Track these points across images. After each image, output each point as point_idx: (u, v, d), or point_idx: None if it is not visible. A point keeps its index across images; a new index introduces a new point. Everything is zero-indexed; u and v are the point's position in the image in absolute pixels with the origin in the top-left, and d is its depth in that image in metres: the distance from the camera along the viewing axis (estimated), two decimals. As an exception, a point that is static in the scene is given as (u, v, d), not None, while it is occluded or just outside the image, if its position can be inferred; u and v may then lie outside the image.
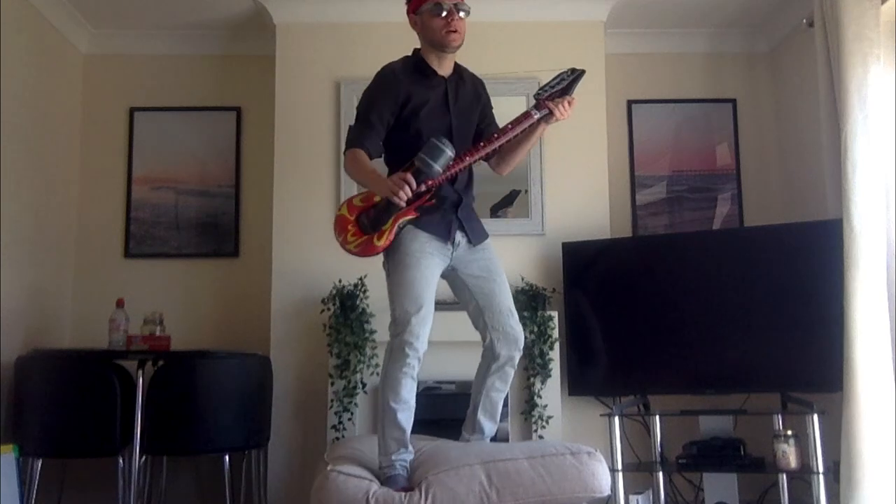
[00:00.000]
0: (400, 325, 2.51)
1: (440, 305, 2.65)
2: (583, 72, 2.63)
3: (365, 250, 2.54)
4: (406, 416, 2.52)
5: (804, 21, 3.62)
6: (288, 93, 4.02)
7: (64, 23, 4.09)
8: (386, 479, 2.48)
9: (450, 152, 2.46)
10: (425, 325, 2.51)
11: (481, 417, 2.72)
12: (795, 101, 4.13)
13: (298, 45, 4.06)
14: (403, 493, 2.38)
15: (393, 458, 2.50)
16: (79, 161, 4.29)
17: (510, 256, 3.78)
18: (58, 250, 4.08)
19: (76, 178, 4.27)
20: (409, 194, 2.42)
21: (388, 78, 2.64)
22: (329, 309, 3.62)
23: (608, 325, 3.73)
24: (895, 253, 3.17)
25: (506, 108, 3.13)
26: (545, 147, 3.93)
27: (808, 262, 3.39)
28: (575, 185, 3.96)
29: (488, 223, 3.66)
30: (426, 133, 2.56)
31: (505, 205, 3.94)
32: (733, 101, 4.36)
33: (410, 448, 2.55)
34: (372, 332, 3.59)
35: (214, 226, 4.25)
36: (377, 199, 2.54)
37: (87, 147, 4.30)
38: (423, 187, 2.46)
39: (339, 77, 4.01)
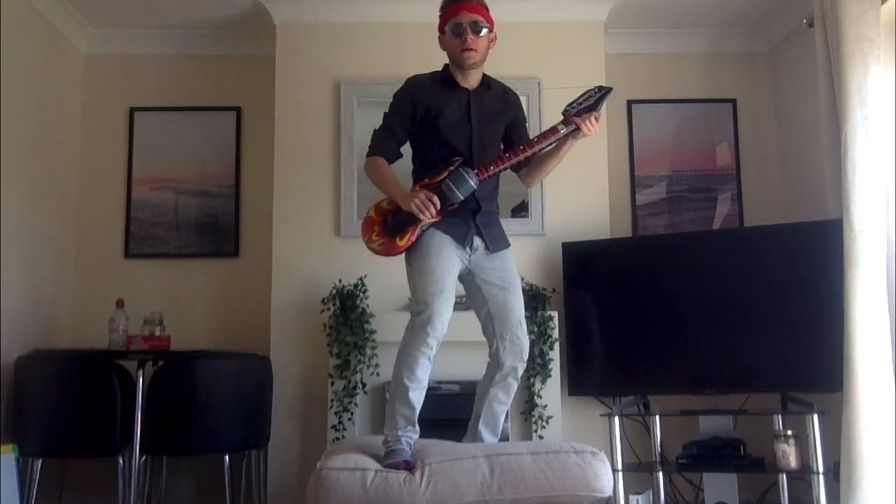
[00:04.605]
0: (422, 305, 2.55)
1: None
2: (610, 89, 2.72)
3: (387, 249, 2.64)
4: (418, 395, 2.54)
5: (804, 21, 3.62)
6: (288, 93, 4.02)
7: (64, 23, 4.09)
8: (389, 453, 2.49)
9: (473, 183, 2.59)
10: (447, 308, 2.55)
11: (482, 429, 2.72)
12: (795, 101, 4.13)
13: (298, 45, 4.05)
14: (403, 478, 2.37)
15: (399, 433, 2.53)
16: (79, 161, 4.29)
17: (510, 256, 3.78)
18: (58, 250, 4.08)
19: (76, 178, 4.27)
20: (434, 214, 2.56)
21: (410, 85, 2.78)
22: (329, 309, 3.62)
23: (608, 325, 3.73)
24: (895, 253, 3.17)
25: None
26: (545, 147, 3.93)
27: (808, 262, 3.39)
28: (575, 185, 3.95)
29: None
30: (448, 140, 2.69)
31: (524, 208, 3.94)
32: (733, 101, 4.36)
33: (417, 427, 2.57)
34: (372, 332, 3.59)
35: (214, 226, 4.25)
36: None
37: (87, 147, 4.30)
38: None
39: (339, 77, 4.01)
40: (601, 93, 2.70)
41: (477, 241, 2.71)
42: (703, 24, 4.30)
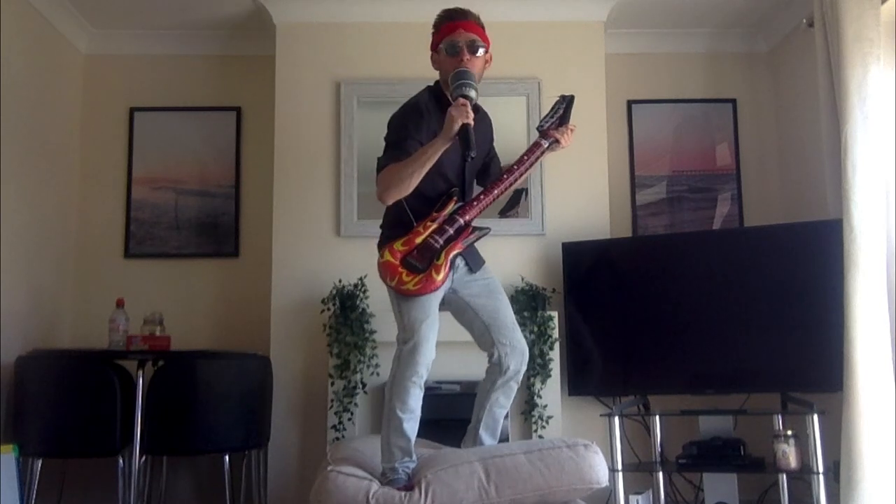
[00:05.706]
0: (409, 332, 2.53)
1: (442, 306, 2.66)
2: (573, 97, 2.78)
3: (427, 287, 2.52)
4: (412, 425, 2.54)
5: (804, 21, 3.62)
6: (288, 93, 4.02)
7: (64, 23, 4.09)
8: (387, 483, 2.50)
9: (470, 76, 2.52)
10: (433, 333, 2.54)
11: (483, 433, 2.73)
12: (795, 101, 4.13)
13: (298, 45, 4.05)
14: (404, 493, 2.39)
15: (396, 465, 2.53)
16: (79, 161, 4.29)
17: (510, 256, 3.79)
18: (58, 250, 4.08)
19: (76, 178, 4.27)
20: (471, 112, 2.43)
21: (419, 108, 2.62)
22: (329, 309, 3.62)
23: (608, 325, 3.73)
24: (895, 253, 3.17)
25: (507, 109, 3.12)
26: (545, 147, 3.93)
27: (808, 263, 3.39)
28: (575, 185, 3.96)
29: (491, 222, 3.69)
30: (445, 167, 2.59)
31: (512, 206, 3.94)
32: (733, 101, 4.36)
33: (414, 457, 2.56)
34: (372, 332, 3.60)
35: (214, 226, 4.25)
36: (418, 240, 2.57)
37: (87, 147, 4.30)
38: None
39: (339, 77, 4.01)
40: (566, 102, 2.77)
41: (459, 261, 2.68)
42: (703, 24, 4.30)
